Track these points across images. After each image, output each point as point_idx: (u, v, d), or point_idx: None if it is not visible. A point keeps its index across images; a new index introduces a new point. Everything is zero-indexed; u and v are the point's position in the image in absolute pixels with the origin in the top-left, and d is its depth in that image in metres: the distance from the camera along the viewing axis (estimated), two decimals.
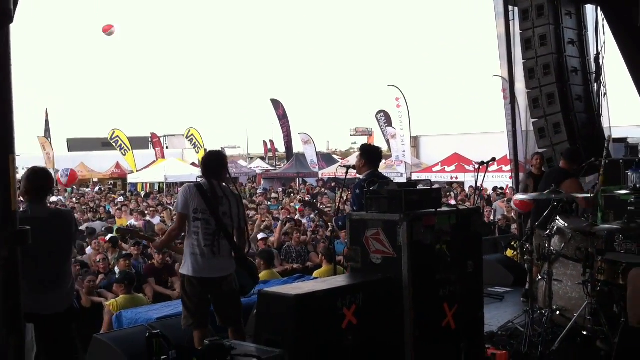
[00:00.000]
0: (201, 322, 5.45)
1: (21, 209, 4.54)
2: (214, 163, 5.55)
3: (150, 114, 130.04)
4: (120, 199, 26.05)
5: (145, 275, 9.39)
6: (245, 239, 5.75)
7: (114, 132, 34.34)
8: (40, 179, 4.76)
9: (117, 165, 37.76)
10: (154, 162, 36.14)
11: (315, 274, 9.28)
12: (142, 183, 35.32)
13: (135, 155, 34.97)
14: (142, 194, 30.81)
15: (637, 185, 6.41)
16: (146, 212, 18.91)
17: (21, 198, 4.73)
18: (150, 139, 43.49)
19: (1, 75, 1.97)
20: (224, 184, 5.50)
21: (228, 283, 5.43)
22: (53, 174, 33.70)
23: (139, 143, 43.20)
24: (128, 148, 34.48)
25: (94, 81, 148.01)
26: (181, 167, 32.98)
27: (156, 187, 35.13)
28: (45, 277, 4.55)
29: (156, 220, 17.31)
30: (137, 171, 34.54)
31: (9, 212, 1.98)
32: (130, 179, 34.65)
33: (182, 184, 33.80)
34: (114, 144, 34.85)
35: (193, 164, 35.87)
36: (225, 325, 5.49)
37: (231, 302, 5.50)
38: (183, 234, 5.54)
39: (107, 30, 23.07)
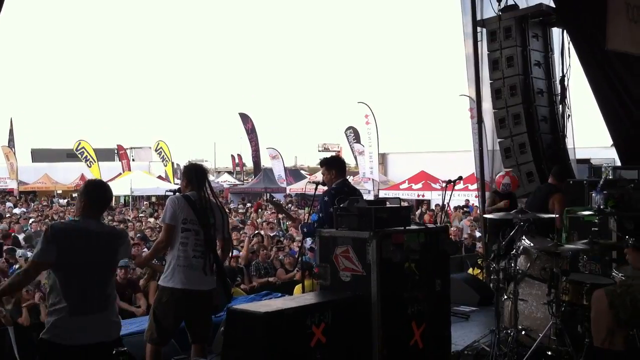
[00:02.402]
0: (166, 338, 5.38)
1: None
2: (200, 174, 5.51)
3: (116, 126, 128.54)
4: None
5: None
6: (229, 249, 5.71)
7: (79, 144, 33.90)
8: (100, 192, 4.41)
9: (82, 177, 37.13)
10: (120, 174, 35.72)
11: (296, 289, 9.21)
12: None
13: (101, 167, 34.50)
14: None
15: (601, 207, 6.51)
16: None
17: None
18: (116, 151, 43.03)
19: None
20: (208, 196, 5.46)
21: (211, 297, 5.34)
22: (16, 186, 33.29)
23: (105, 155, 42.71)
24: (94, 160, 34.04)
25: (60, 91, 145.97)
26: (148, 180, 32.65)
27: (122, 200, 34.72)
28: (89, 296, 4.11)
29: None
30: None
31: None
32: None
33: (148, 197, 33.76)
34: (79, 156, 34.38)
35: (160, 177, 35.58)
36: (196, 342, 5.40)
37: (208, 319, 5.43)
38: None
39: None
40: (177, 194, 5.52)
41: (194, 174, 5.50)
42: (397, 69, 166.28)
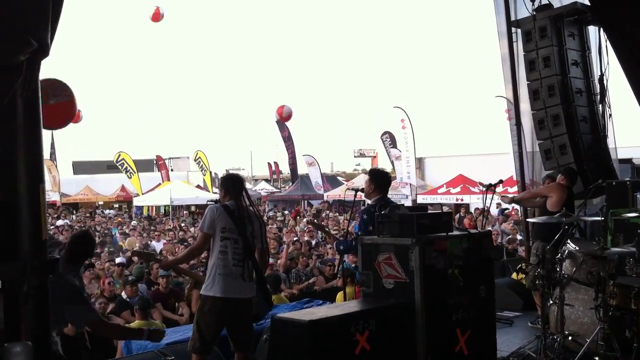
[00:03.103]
0: (208, 347, 5.42)
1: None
2: (238, 184, 5.59)
3: (155, 137, 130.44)
4: (134, 222, 25.99)
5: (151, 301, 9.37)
6: (267, 260, 5.76)
7: (119, 155, 34.44)
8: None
9: (123, 188, 37.84)
10: (160, 184, 36.17)
11: (338, 296, 9.21)
12: (148, 206, 35.34)
13: (140, 178, 35.03)
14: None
15: None
16: (151, 236, 18.91)
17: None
18: (155, 162, 43.58)
19: (32, 107, 2.00)
20: (246, 204, 5.53)
21: (251, 305, 5.41)
22: (59, 198, 33.94)
23: (144, 166, 43.29)
24: (134, 171, 34.55)
25: (99, 103, 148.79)
26: (186, 190, 33.00)
27: (162, 210, 35.14)
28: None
29: (160, 244, 17.26)
30: (142, 194, 34.58)
31: (39, 242, 2.00)
32: (136, 201, 34.67)
33: (187, 206, 34.11)
34: (119, 167, 34.94)
35: (198, 186, 35.92)
36: (238, 350, 5.45)
37: (249, 327, 5.48)
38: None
39: (157, 18, 23.00)
40: (217, 203, 5.59)
41: (231, 183, 5.58)
42: (432, 72, 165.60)
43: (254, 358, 5.99)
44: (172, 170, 44.46)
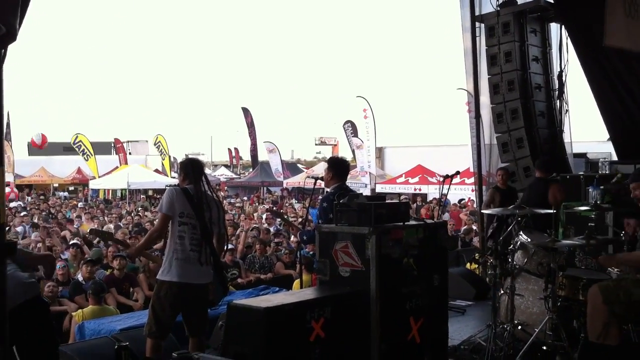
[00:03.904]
0: (165, 332, 5.42)
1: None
2: (197, 169, 5.56)
3: (113, 120, 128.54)
4: (81, 204, 25.65)
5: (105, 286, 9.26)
6: (224, 245, 5.76)
7: (76, 137, 33.87)
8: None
9: (79, 171, 37.24)
10: (117, 168, 35.70)
11: (295, 283, 9.25)
12: (104, 189, 34.87)
13: (97, 161, 34.50)
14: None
15: (597, 202, 6.56)
16: (105, 219, 18.67)
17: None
18: (113, 145, 42.98)
19: None
20: (205, 190, 5.50)
21: (207, 291, 5.41)
22: (12, 179, 33.26)
23: (101, 148, 42.69)
24: (91, 153, 34.02)
25: (58, 84, 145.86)
26: (144, 174, 32.63)
27: (118, 194, 34.70)
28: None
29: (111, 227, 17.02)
30: (99, 177, 34.09)
31: None
32: (92, 184, 34.16)
33: (145, 191, 33.76)
34: (76, 149, 34.36)
35: (157, 170, 35.56)
36: (193, 335, 5.45)
37: (205, 312, 5.49)
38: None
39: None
40: (181, 186, 5.56)
41: (191, 168, 5.55)
42: (395, 63, 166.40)
43: (208, 344, 6.00)
44: (130, 153, 43.87)
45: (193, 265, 5.27)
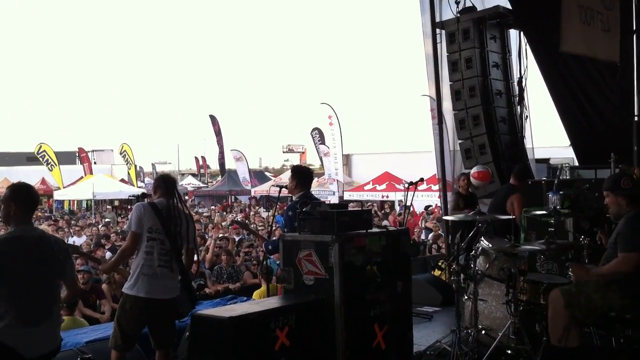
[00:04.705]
0: (130, 344, 5.39)
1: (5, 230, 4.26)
2: (169, 183, 5.54)
3: (77, 129, 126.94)
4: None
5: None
6: (193, 259, 5.73)
7: (40, 147, 33.39)
8: (32, 195, 4.33)
9: (43, 181, 36.65)
10: (82, 178, 35.27)
11: (255, 293, 9.24)
12: (69, 200, 34.40)
13: (62, 171, 34.05)
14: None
15: (557, 207, 6.67)
16: (71, 231, 18.43)
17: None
18: (77, 154, 42.46)
19: None
20: (175, 203, 5.49)
21: (174, 305, 5.39)
22: None
23: (65, 158, 42.12)
24: (55, 163, 33.56)
25: (21, 93, 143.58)
26: (110, 184, 32.28)
27: (84, 205, 34.27)
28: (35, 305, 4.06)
29: (81, 240, 16.83)
30: (63, 187, 33.63)
31: None
32: (57, 195, 33.69)
33: (111, 201, 33.39)
34: (40, 159, 33.87)
35: (123, 180, 35.21)
36: (159, 348, 5.43)
37: (171, 325, 5.46)
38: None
39: None
40: (146, 200, 5.53)
41: (162, 182, 5.54)
42: (361, 70, 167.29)
43: (175, 355, 5.97)
44: (95, 163, 43.40)
45: (160, 280, 5.26)
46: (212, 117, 38.99)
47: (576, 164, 11.09)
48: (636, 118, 9.51)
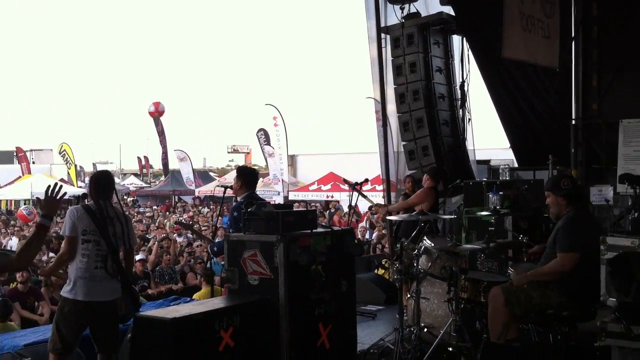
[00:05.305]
0: (69, 348, 5.28)
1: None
2: (104, 184, 5.45)
3: (15, 128, 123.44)
4: None
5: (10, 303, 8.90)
6: (132, 261, 5.65)
7: None
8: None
9: None
10: (19, 177, 34.31)
11: (195, 296, 9.18)
12: (7, 200, 33.42)
13: None
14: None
15: (497, 207, 6.84)
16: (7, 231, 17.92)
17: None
18: (15, 154, 41.28)
19: None
20: (113, 204, 5.41)
21: (115, 307, 5.30)
22: None
23: (3, 157, 40.95)
24: None
25: None
26: (49, 184, 31.42)
27: (21, 204, 33.32)
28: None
29: (13, 242, 16.29)
30: (0, 187, 32.63)
31: None
32: None
33: None
34: None
35: (62, 180, 34.36)
36: (102, 351, 5.33)
37: (113, 328, 5.37)
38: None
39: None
40: (84, 201, 5.44)
41: (93, 184, 5.46)
42: (306, 71, 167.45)
43: (117, 358, 5.87)
44: (33, 162, 42.26)
45: (98, 282, 5.17)
46: (155, 118, 38.45)
47: (516, 165, 11.39)
48: (573, 122, 9.83)
